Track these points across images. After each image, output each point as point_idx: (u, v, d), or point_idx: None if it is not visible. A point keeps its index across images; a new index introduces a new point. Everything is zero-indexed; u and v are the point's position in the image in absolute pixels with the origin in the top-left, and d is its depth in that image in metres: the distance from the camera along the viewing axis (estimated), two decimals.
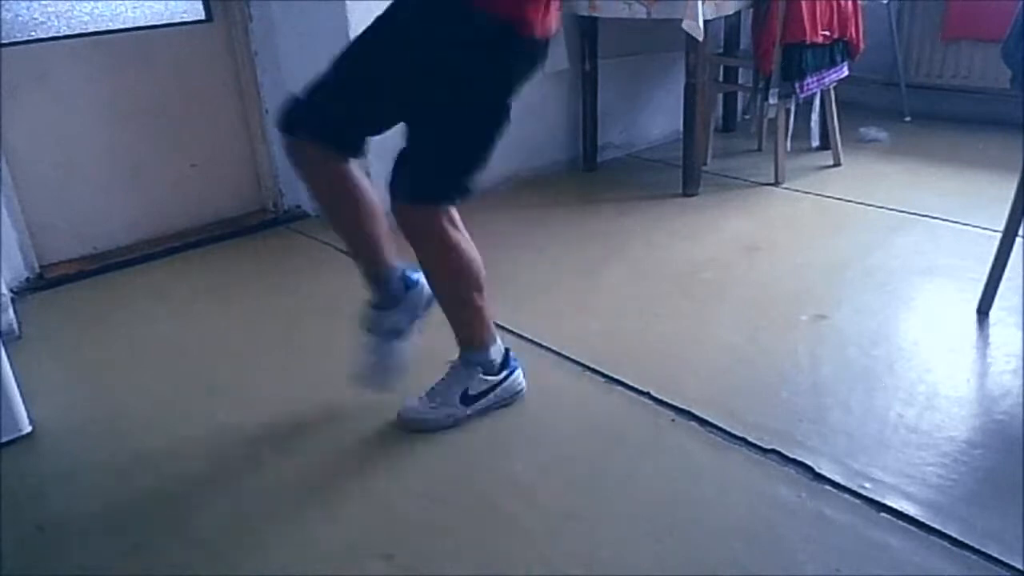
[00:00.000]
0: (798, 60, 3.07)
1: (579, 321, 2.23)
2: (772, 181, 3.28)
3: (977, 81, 3.91)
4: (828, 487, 1.53)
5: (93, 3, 2.67)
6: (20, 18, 2.53)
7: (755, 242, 2.72)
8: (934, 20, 3.98)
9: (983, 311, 2.15)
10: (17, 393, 1.78)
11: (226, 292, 2.57)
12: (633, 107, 3.82)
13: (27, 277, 2.63)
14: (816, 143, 3.63)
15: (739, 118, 4.19)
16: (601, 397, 1.88)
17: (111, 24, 2.72)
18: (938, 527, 1.41)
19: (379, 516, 1.54)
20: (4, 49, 2.48)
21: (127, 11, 2.75)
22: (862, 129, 3.82)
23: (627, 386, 1.88)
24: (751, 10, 3.15)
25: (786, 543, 1.40)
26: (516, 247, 2.75)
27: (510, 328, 2.16)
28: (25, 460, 1.74)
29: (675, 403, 1.81)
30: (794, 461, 1.60)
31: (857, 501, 1.49)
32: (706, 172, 3.37)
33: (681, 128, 3.24)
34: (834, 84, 3.31)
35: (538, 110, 3.43)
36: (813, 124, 3.59)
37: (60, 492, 1.67)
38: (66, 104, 2.67)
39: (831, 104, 3.39)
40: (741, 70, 3.86)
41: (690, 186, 3.22)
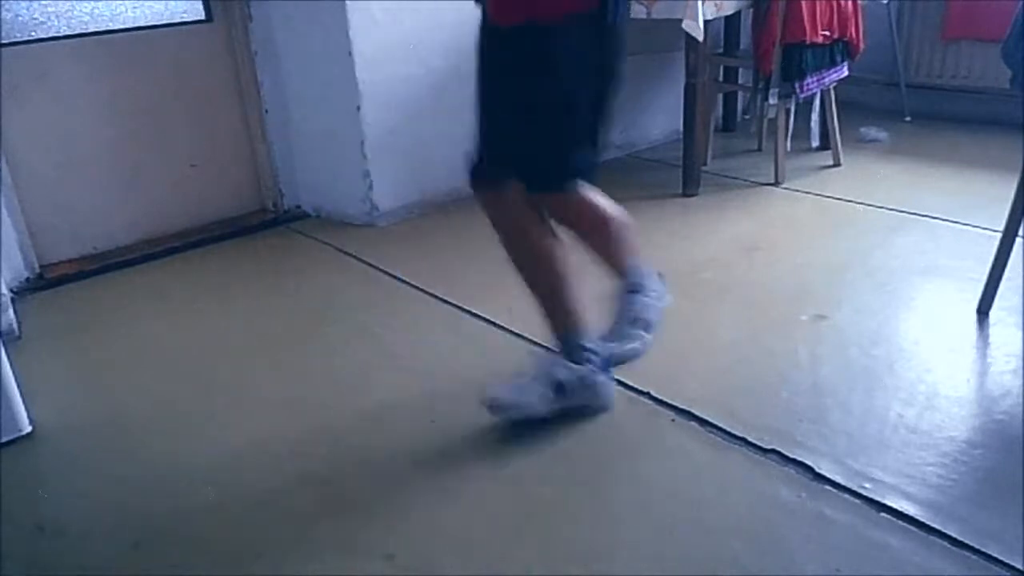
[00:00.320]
0: (798, 60, 3.07)
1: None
2: (772, 181, 3.28)
3: (977, 81, 3.91)
4: (828, 487, 1.53)
5: (93, 3, 2.67)
6: (20, 18, 2.53)
7: (755, 242, 2.72)
8: (934, 20, 3.97)
9: (983, 311, 2.15)
10: (17, 393, 1.78)
11: (226, 292, 2.57)
12: (633, 107, 3.82)
13: (27, 277, 2.63)
14: (816, 143, 3.63)
15: (739, 118, 4.19)
16: None
17: (111, 24, 2.73)
18: (938, 527, 1.41)
19: (379, 515, 1.54)
20: (4, 49, 2.48)
21: (127, 11, 2.75)
22: (862, 129, 3.82)
23: (627, 386, 1.88)
24: (751, 10, 3.15)
25: (786, 543, 1.40)
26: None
27: (510, 328, 2.17)
28: (25, 460, 1.74)
29: (675, 403, 1.81)
30: (794, 461, 1.60)
31: (857, 501, 1.48)
32: (706, 172, 3.37)
33: (681, 128, 3.24)
34: (834, 84, 3.31)
35: None
36: (813, 124, 3.59)
37: (60, 492, 1.67)
38: (66, 104, 2.67)
39: (831, 104, 3.39)
40: (741, 70, 3.86)
41: (690, 186, 3.22)
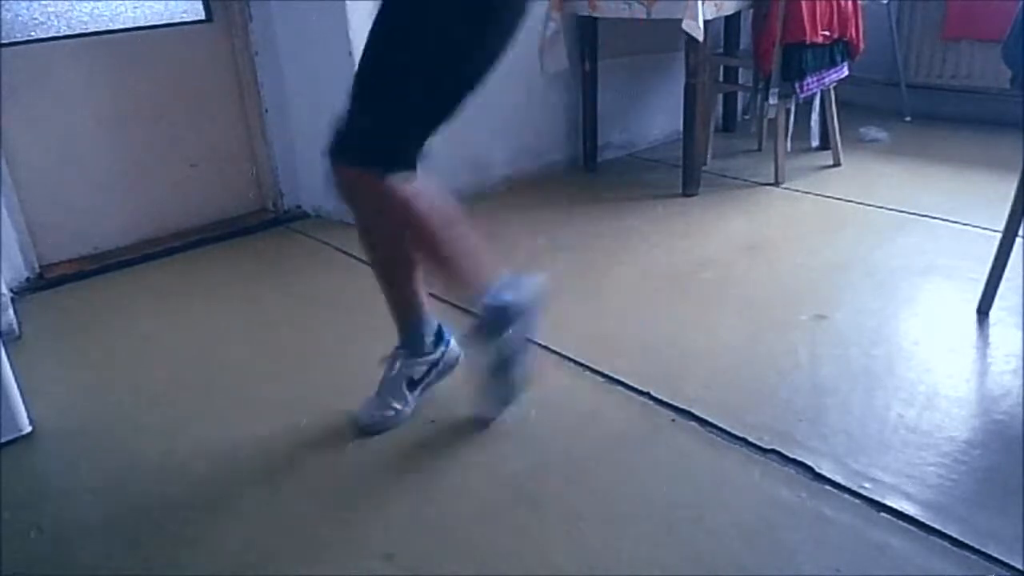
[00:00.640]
0: (798, 60, 3.07)
1: (579, 321, 2.23)
2: (772, 181, 3.28)
3: (977, 81, 3.91)
4: (828, 487, 1.53)
5: (93, 3, 2.67)
6: (20, 18, 2.53)
7: (755, 242, 2.72)
8: (934, 20, 3.97)
9: (983, 311, 2.15)
10: (17, 393, 1.78)
11: (226, 292, 2.57)
12: (633, 107, 3.82)
13: (27, 277, 2.63)
14: (816, 143, 3.63)
15: (739, 118, 4.18)
16: (601, 397, 1.88)
17: (111, 24, 2.72)
18: (938, 527, 1.40)
19: (379, 516, 1.54)
20: (4, 49, 2.48)
21: (127, 11, 2.75)
22: (862, 129, 3.82)
23: (627, 386, 1.88)
24: (751, 10, 3.15)
25: (786, 543, 1.40)
26: (515, 247, 2.75)
27: None
28: (25, 460, 1.74)
29: (675, 403, 1.81)
30: (794, 461, 1.60)
31: (857, 501, 1.48)
32: (706, 172, 3.37)
33: (681, 128, 3.24)
34: (834, 84, 3.31)
35: (538, 110, 3.44)
36: (813, 124, 3.59)
37: (60, 492, 1.67)
38: (66, 104, 2.67)
39: (831, 104, 3.39)
40: (741, 70, 3.87)
41: (690, 186, 3.22)
